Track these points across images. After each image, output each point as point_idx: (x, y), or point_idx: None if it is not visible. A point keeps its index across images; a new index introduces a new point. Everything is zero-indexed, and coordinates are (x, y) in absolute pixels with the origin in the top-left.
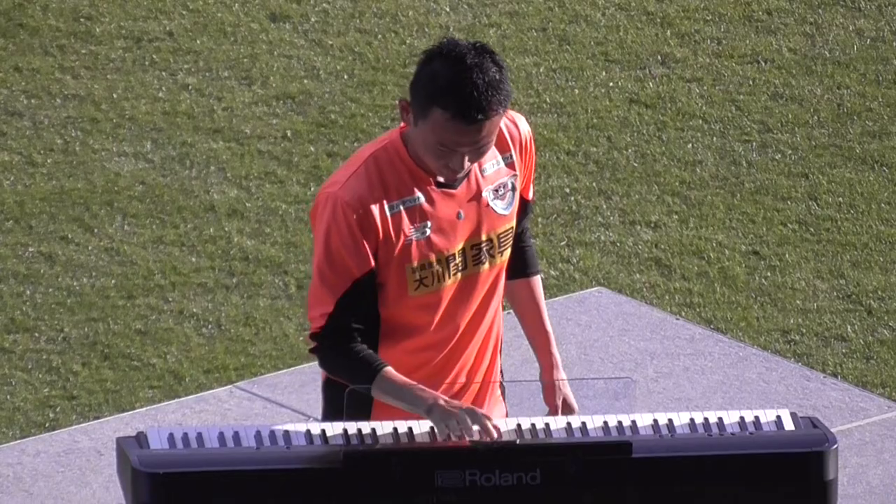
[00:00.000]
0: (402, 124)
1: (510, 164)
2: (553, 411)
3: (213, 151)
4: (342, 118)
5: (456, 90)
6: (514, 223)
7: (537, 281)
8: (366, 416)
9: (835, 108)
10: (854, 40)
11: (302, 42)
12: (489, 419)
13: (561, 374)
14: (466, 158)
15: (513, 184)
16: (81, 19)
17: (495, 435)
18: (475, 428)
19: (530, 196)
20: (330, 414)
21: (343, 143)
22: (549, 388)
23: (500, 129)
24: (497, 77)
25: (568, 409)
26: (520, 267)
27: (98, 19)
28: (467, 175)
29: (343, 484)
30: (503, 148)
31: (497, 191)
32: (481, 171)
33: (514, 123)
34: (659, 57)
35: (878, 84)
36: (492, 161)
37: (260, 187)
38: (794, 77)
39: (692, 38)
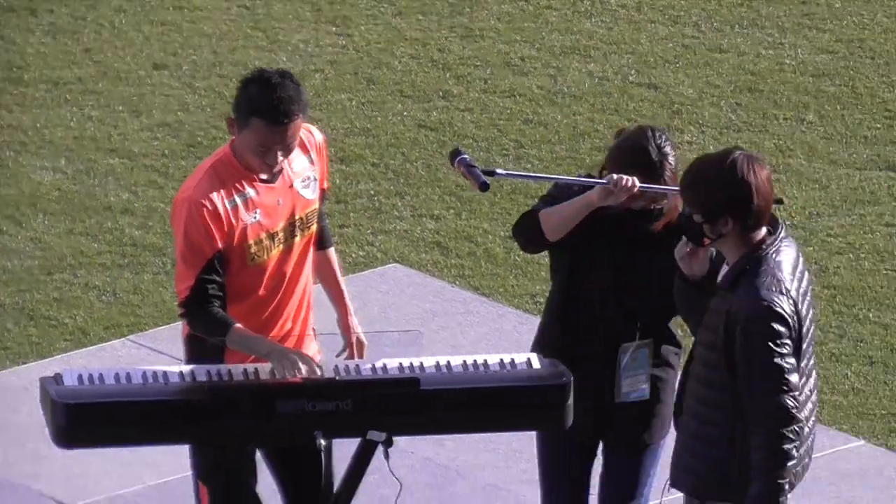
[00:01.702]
0: (231, 139)
1: (311, 162)
2: (349, 344)
3: (111, 166)
4: (206, 140)
5: (267, 103)
6: (317, 205)
7: (332, 251)
8: (220, 362)
9: (571, 131)
10: (586, 79)
11: (177, 84)
12: (313, 361)
13: (353, 317)
14: (279, 154)
15: (314, 176)
16: (14, 69)
17: (318, 373)
18: (304, 368)
19: (325, 186)
20: (192, 361)
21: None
22: (346, 329)
23: (302, 138)
24: (295, 92)
25: (360, 343)
26: (319, 241)
27: (26, 68)
28: (281, 171)
29: (208, 411)
30: (305, 150)
31: (303, 181)
32: (291, 168)
33: (311, 132)
34: (440, 93)
35: (603, 112)
36: (298, 160)
37: (145, 192)
38: (541, 107)
39: (465, 78)
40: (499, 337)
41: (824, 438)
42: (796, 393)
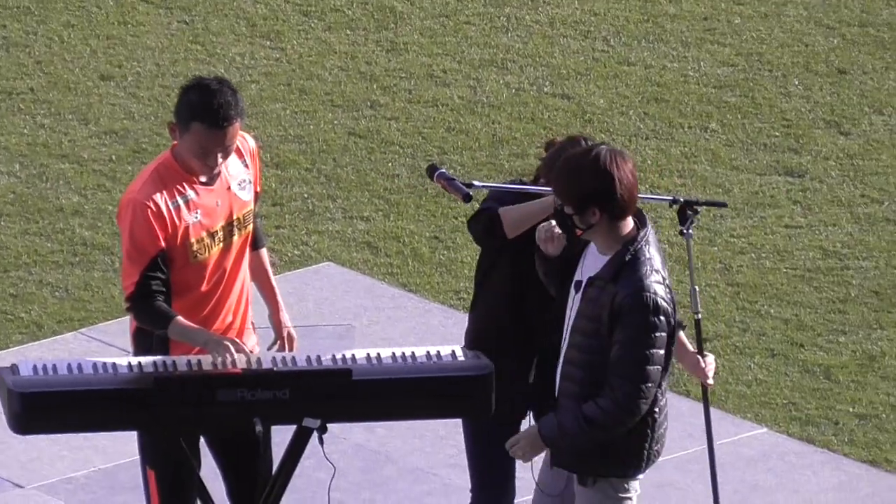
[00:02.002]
0: (172, 144)
1: (246, 166)
2: (280, 338)
3: (62, 170)
4: (151, 146)
5: (207, 108)
6: (252, 206)
7: (264, 252)
8: (166, 353)
9: (490, 138)
10: (504, 90)
11: (122, 94)
12: (249, 350)
13: (284, 313)
14: (219, 156)
15: (249, 179)
16: None
17: (252, 359)
18: (240, 357)
19: (259, 189)
20: (139, 354)
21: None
22: (277, 324)
23: (238, 145)
24: (233, 98)
25: (290, 338)
26: (253, 242)
27: None
28: (219, 174)
29: (154, 399)
30: (240, 155)
31: (240, 184)
32: (228, 171)
33: (245, 139)
34: (368, 102)
35: (520, 120)
36: (234, 164)
37: (94, 195)
38: (462, 116)
39: (391, 89)
40: (425, 330)
41: (730, 426)
42: (651, 385)
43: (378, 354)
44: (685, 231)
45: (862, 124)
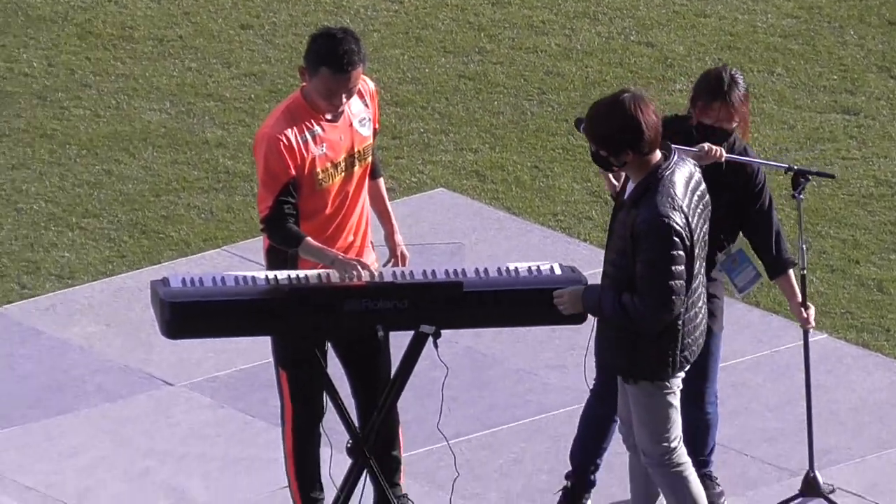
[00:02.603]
0: (301, 85)
1: (366, 105)
2: (393, 256)
3: (207, 108)
4: (284, 87)
5: (333, 54)
6: (371, 140)
7: (381, 181)
8: (295, 269)
9: (583, 80)
10: (595, 38)
11: (260, 41)
12: (369, 267)
13: (398, 234)
14: (343, 97)
15: (369, 117)
16: (126, 28)
17: (375, 276)
18: (363, 272)
19: (377, 125)
20: (272, 269)
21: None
22: (392, 244)
23: (360, 87)
24: (356, 45)
25: (403, 256)
26: (371, 172)
27: (136, 28)
28: (343, 112)
29: (288, 308)
30: (362, 96)
31: (360, 121)
32: (350, 110)
33: (366, 82)
34: (476, 49)
35: (609, 65)
36: (356, 103)
37: (235, 129)
38: (559, 62)
39: (496, 37)
40: (527, 248)
41: (795, 333)
42: (674, 297)
43: (486, 269)
44: (796, 196)
45: None
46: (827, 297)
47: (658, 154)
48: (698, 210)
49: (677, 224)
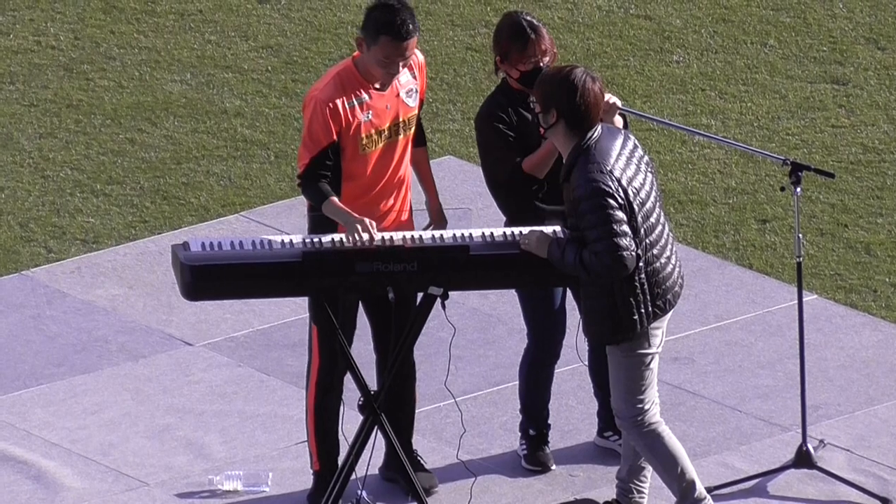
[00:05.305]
0: (354, 55)
1: (414, 77)
2: (433, 221)
3: (226, 79)
4: (300, 59)
5: (391, 23)
6: (416, 111)
7: (425, 149)
8: (333, 230)
9: (585, 52)
10: (596, 11)
11: (277, 15)
12: (372, 229)
13: (439, 201)
14: (400, 65)
15: (416, 88)
16: (148, 2)
17: (377, 239)
18: (365, 236)
19: (423, 97)
20: (312, 229)
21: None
22: (433, 209)
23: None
24: (410, 16)
25: (442, 218)
26: (416, 139)
27: (158, 2)
28: (391, 82)
29: (302, 270)
30: (411, 68)
31: (407, 92)
32: (399, 81)
33: (416, 55)
34: (483, 22)
35: (610, 38)
36: (405, 74)
37: (252, 99)
38: (561, 34)
39: (502, 10)
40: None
41: (786, 293)
42: (626, 249)
43: (491, 233)
44: (794, 191)
45: None
46: (817, 259)
47: (587, 134)
48: (632, 168)
49: (607, 186)
